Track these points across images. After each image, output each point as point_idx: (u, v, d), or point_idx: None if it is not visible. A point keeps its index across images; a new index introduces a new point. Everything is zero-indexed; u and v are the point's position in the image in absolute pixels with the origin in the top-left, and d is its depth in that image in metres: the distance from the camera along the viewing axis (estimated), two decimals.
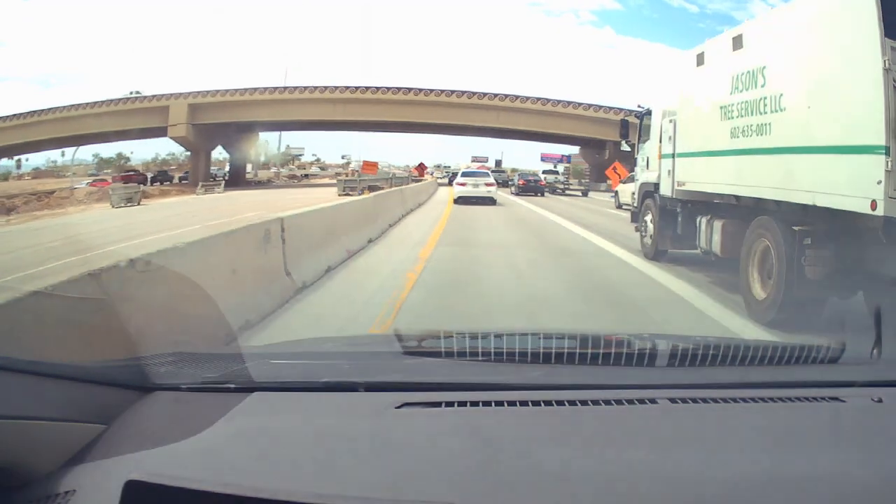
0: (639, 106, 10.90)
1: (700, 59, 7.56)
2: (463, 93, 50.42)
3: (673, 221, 8.47)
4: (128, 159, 76.25)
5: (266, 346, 1.82)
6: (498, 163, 69.46)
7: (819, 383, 1.47)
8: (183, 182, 53.26)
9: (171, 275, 3.68)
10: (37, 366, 1.24)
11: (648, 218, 9.41)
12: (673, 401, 1.29)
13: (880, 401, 1.36)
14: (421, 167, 43.99)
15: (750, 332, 5.08)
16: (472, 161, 70.92)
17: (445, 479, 0.98)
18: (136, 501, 0.91)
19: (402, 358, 1.53)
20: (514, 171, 52.91)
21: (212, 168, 65.71)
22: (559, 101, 50.08)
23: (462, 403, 1.24)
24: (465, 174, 27.09)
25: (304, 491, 0.93)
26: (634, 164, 10.86)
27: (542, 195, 35.26)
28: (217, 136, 53.71)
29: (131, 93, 55.62)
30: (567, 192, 42.34)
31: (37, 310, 2.48)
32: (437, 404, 1.24)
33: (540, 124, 49.26)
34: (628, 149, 11.63)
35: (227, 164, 63.15)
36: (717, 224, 6.97)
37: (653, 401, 1.28)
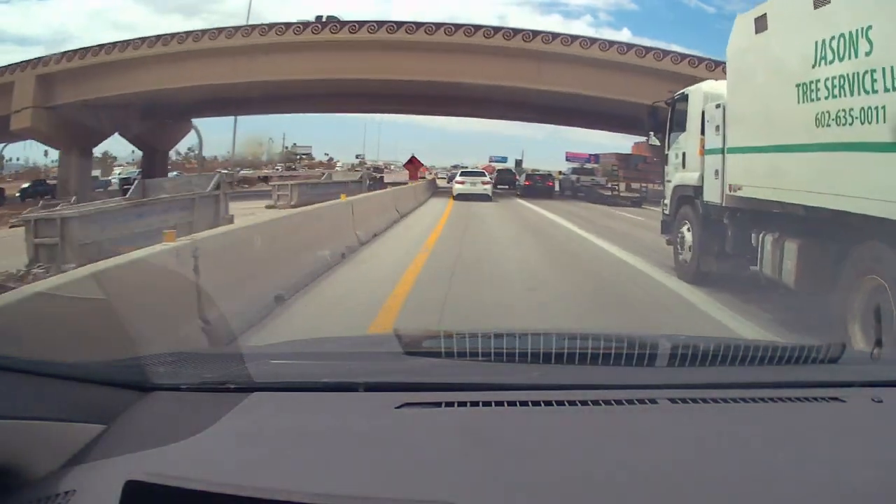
0: (670, 92, 8.87)
1: (762, 24, 5.67)
2: (477, 28, 28.17)
3: (720, 235, 6.62)
4: (115, 158, 60.27)
5: (266, 346, 1.82)
6: (518, 162, 61.17)
7: (819, 383, 1.47)
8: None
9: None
10: (37, 366, 1.24)
11: (686, 230, 7.49)
12: (673, 401, 1.29)
13: (880, 401, 1.36)
14: (413, 164, 31.56)
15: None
16: (490, 161, 65.25)
17: (445, 479, 0.99)
18: (136, 501, 0.91)
19: (402, 358, 1.53)
20: (534, 171, 42.85)
21: (130, 171, 44.41)
22: (646, 49, 27.14)
23: (462, 403, 1.24)
24: (463, 174, 29.35)
25: (303, 491, 0.93)
26: (665, 162, 8.81)
27: (551, 196, 29.67)
28: (104, 123, 31.89)
29: None
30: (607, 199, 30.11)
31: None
32: (438, 404, 1.24)
33: (601, 85, 26.82)
34: (657, 143, 9.47)
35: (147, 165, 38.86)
36: (791, 246, 5.15)
37: (653, 401, 1.28)
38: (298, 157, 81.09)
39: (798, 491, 0.99)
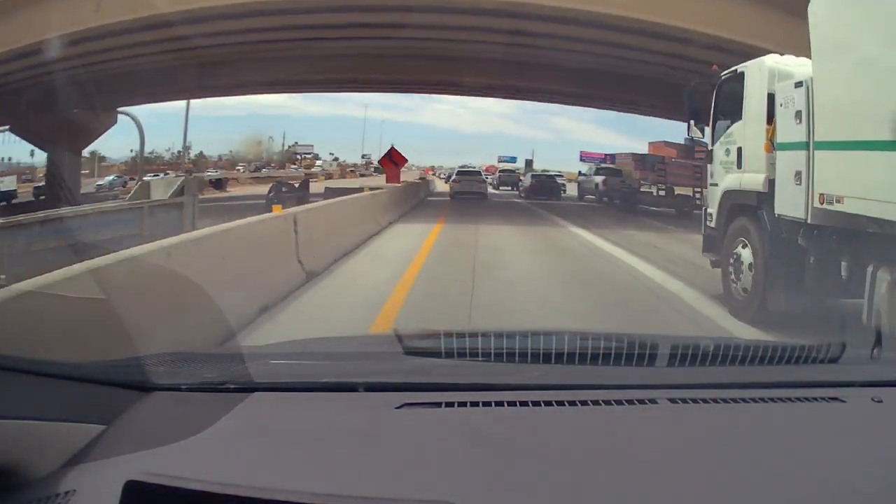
0: (715, 67, 6.91)
1: None
2: None
3: (796, 262, 4.91)
4: (104, 158, 51.42)
5: (266, 346, 1.82)
6: (528, 162, 57.69)
7: (819, 383, 1.48)
8: None
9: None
10: (37, 366, 1.24)
11: (744, 251, 5.63)
12: (673, 401, 1.30)
13: (880, 401, 1.36)
14: (394, 158, 22.64)
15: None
16: (499, 161, 63.69)
17: (445, 479, 0.99)
18: (136, 501, 0.91)
19: (402, 358, 1.53)
20: (543, 171, 39.84)
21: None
22: None
23: (462, 403, 1.24)
24: (459, 173, 28.75)
25: (303, 491, 0.93)
26: (709, 160, 6.89)
27: (559, 198, 26.24)
28: None
29: None
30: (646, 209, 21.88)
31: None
32: (438, 404, 1.24)
33: (703, 14, 14.85)
34: (699, 135, 7.37)
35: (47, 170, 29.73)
36: None
37: (653, 401, 1.28)
38: (300, 156, 75.59)
39: (798, 491, 1.00)
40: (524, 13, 16.94)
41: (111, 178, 43.37)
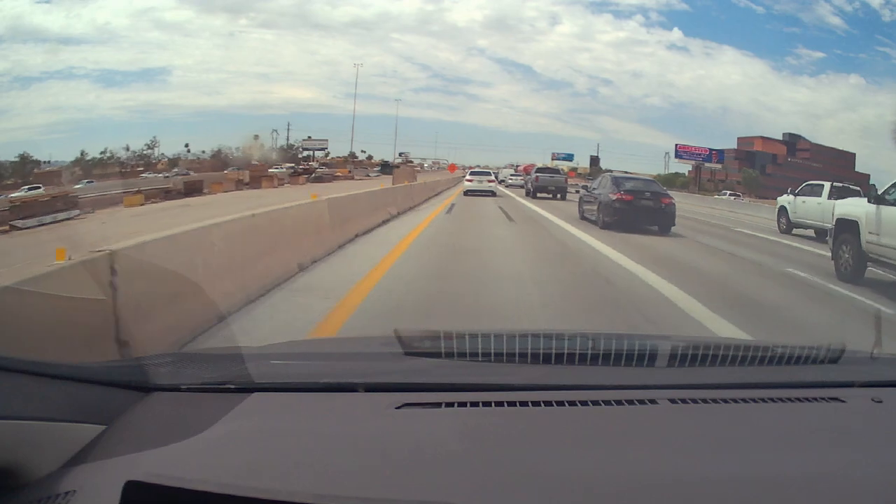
0: None
1: None
2: None
3: None
4: (109, 156, 47.23)
5: (266, 346, 1.82)
6: (594, 160, 54.62)
7: (819, 383, 1.48)
8: None
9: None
10: (37, 366, 1.24)
11: None
12: (673, 401, 1.30)
13: (880, 401, 1.36)
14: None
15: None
16: (553, 159, 62.18)
17: (445, 480, 0.99)
18: (136, 502, 0.91)
19: (402, 358, 1.53)
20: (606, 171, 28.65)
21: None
22: None
23: (462, 404, 1.24)
24: (472, 173, 29.33)
25: (303, 491, 0.93)
26: None
27: (667, 231, 12.98)
28: None
29: None
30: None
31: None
32: (438, 405, 1.24)
33: None
34: None
35: None
36: None
37: (653, 401, 1.28)
38: (311, 152, 61.62)
39: (798, 491, 1.00)
40: None
41: None
